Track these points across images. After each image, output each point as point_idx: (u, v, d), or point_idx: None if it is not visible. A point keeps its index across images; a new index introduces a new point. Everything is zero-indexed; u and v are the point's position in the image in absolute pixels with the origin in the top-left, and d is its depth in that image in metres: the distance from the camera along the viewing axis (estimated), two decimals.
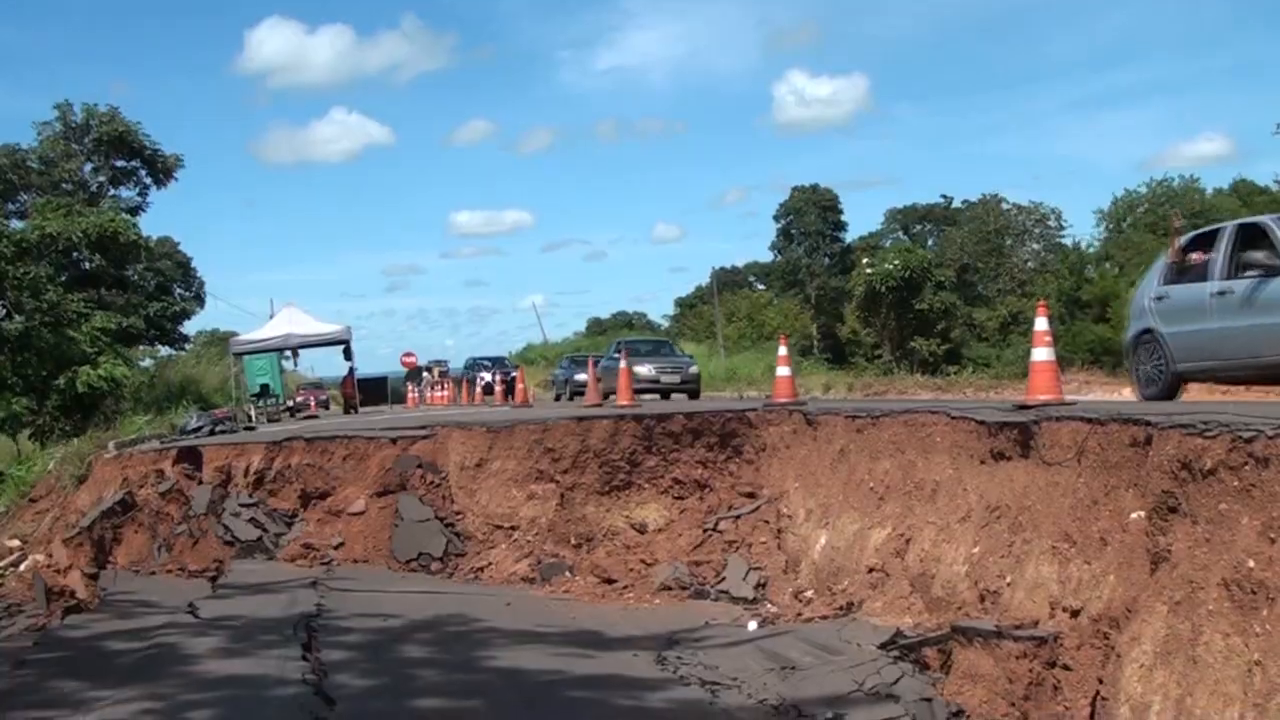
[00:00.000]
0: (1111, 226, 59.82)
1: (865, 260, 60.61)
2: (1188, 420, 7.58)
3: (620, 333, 74.52)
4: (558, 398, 38.74)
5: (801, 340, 63.95)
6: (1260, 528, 6.37)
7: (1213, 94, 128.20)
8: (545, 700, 8.77)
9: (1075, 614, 8.11)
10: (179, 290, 54.62)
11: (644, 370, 27.65)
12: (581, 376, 35.11)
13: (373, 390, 43.42)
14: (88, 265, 36.10)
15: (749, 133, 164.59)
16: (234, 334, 40.27)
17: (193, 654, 9.96)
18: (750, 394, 31.48)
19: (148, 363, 41.24)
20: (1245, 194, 55.94)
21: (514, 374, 35.51)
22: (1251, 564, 6.29)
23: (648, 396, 26.28)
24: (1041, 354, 11.27)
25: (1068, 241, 64.78)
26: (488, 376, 42.10)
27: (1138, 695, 6.82)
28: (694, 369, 29.87)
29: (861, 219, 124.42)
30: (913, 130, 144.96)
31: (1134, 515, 7.87)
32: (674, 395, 27.92)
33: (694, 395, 28.41)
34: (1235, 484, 6.72)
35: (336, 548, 14.81)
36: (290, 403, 37.67)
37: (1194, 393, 13.17)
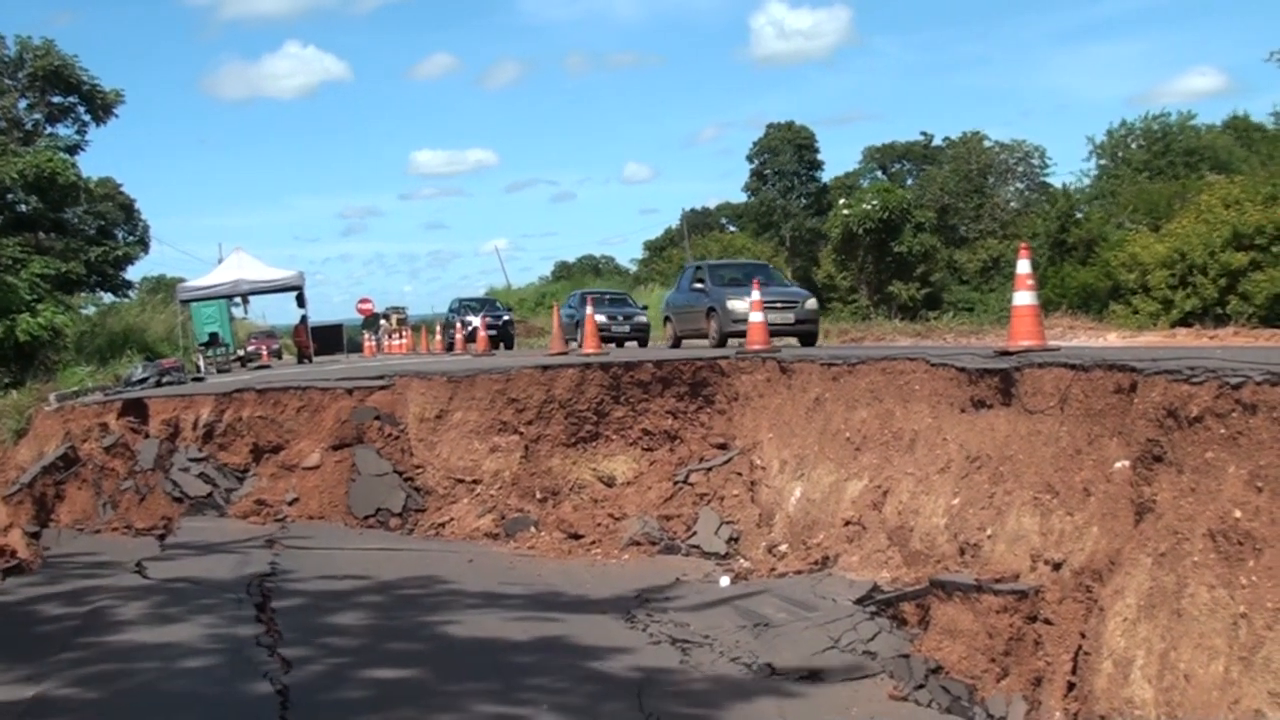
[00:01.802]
0: (1104, 163, 59.78)
1: (842, 201, 60.47)
2: (1174, 366, 7.63)
3: (586, 278, 74.45)
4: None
5: None
6: (1247, 477, 6.43)
7: (1205, 25, 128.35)
8: (509, 666, 8.78)
9: (1057, 567, 8.18)
10: (122, 234, 54.03)
11: (741, 305, 26.85)
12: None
13: (327, 339, 43.27)
14: (24, 208, 35.77)
15: (726, 67, 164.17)
16: (181, 280, 39.97)
17: (136, 618, 9.95)
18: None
19: (90, 310, 40.80)
20: (1242, 130, 56.13)
21: (506, 317, 35.70)
22: (1238, 514, 6.35)
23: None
24: (1024, 298, 11.33)
25: (1053, 181, 64.87)
26: (475, 321, 37.39)
27: (1121, 650, 6.90)
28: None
29: (840, 157, 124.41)
30: (894, 64, 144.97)
31: (1118, 465, 7.93)
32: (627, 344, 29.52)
33: (643, 344, 30.47)
34: (1222, 432, 6.78)
35: (290, 504, 14.79)
36: (241, 352, 37.41)
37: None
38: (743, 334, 21.23)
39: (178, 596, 10.70)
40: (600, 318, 27.41)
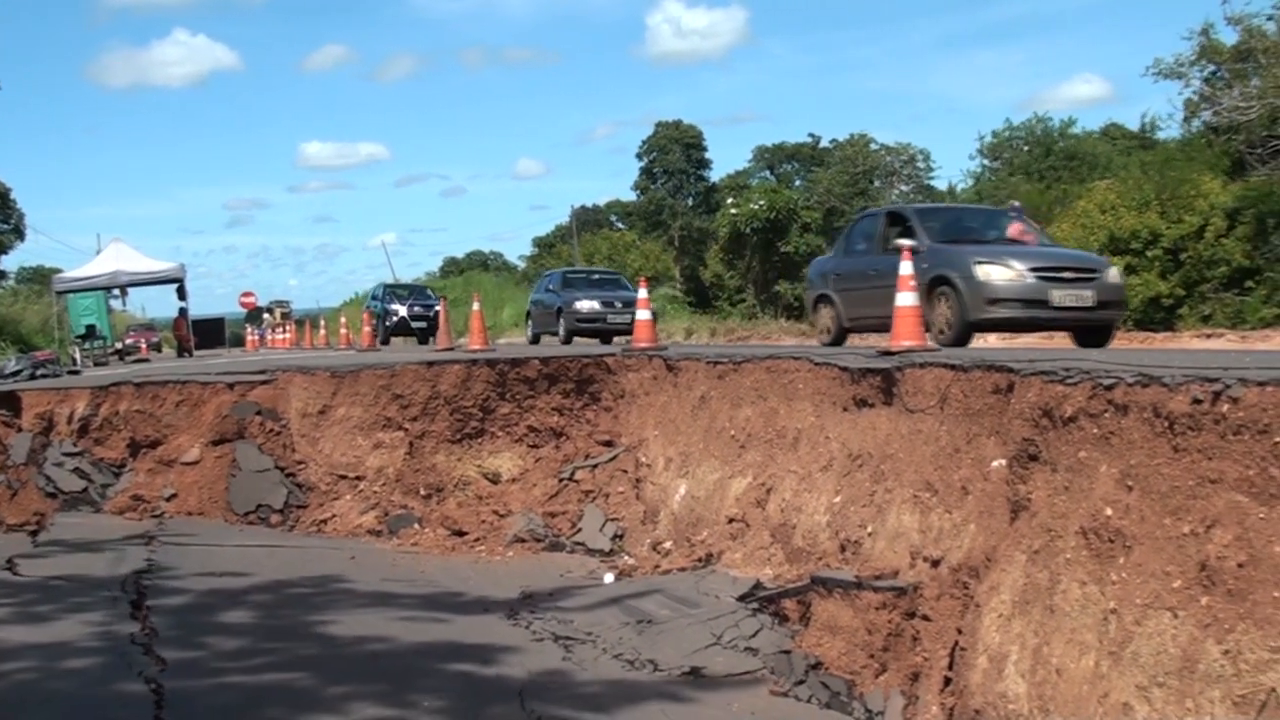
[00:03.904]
0: (988, 163, 60.75)
1: (730, 200, 60.93)
2: (1050, 367, 7.79)
3: (475, 273, 74.01)
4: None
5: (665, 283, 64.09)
6: (1119, 476, 6.58)
7: (1090, 33, 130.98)
8: (389, 668, 8.69)
9: (935, 564, 8.31)
10: None
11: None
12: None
13: (209, 332, 42.73)
14: None
15: (622, 65, 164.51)
16: (58, 271, 39.22)
17: (6, 617, 9.68)
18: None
19: None
20: (1116, 137, 57.32)
21: (436, 307, 30.74)
22: (1109, 512, 6.50)
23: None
24: (906, 299, 11.52)
25: (938, 184, 65.85)
26: (402, 310, 34.83)
27: (996, 645, 7.03)
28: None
29: (731, 156, 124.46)
30: (787, 65, 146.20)
31: (995, 463, 8.08)
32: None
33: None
34: (1095, 432, 6.93)
35: (169, 499, 14.55)
36: (119, 345, 36.85)
37: None
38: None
39: (51, 594, 10.46)
40: (591, 305, 25.45)
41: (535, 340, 26.19)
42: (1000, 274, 14.09)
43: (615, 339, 24.25)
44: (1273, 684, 5.19)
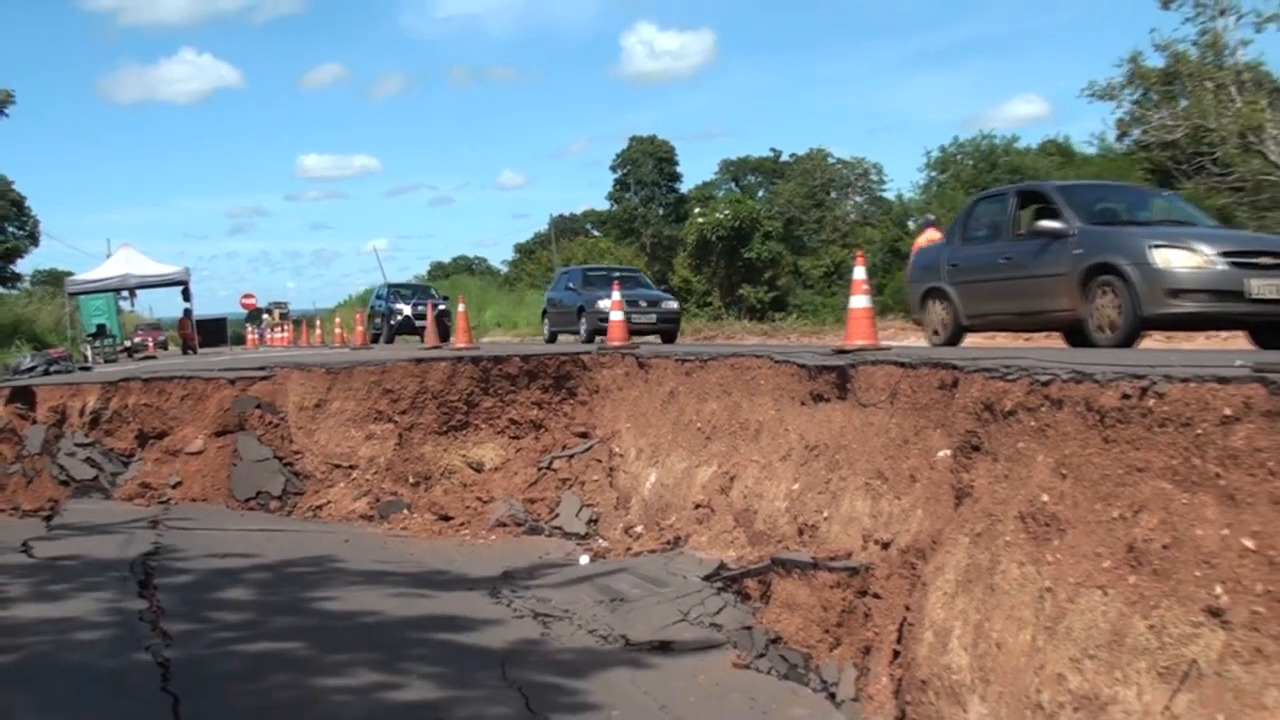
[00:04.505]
0: (935, 175, 60.94)
1: (697, 210, 60.98)
2: (991, 365, 7.83)
3: (460, 277, 73.76)
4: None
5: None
6: (1054, 465, 6.62)
7: (1032, 57, 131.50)
8: (380, 640, 8.70)
9: (886, 546, 8.34)
10: (11, 229, 52.59)
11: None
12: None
13: (212, 331, 42.60)
14: None
15: (598, 83, 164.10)
16: (70, 274, 39.02)
17: (22, 595, 9.68)
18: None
19: None
20: (1051, 154, 57.51)
21: (441, 306, 29.57)
22: (1045, 498, 6.54)
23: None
24: (859, 301, 11.52)
25: (889, 195, 66.05)
26: (406, 309, 32.15)
27: (941, 621, 7.06)
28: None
29: (699, 169, 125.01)
30: (752, 84, 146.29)
31: (941, 453, 8.11)
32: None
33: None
34: (1032, 424, 6.97)
35: (174, 487, 14.49)
36: (128, 343, 36.55)
37: None
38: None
39: (64, 574, 10.42)
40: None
41: (552, 339, 23.88)
42: (1184, 260, 11.23)
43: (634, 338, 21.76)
44: (1194, 656, 5.23)
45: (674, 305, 24.37)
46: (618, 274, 26.29)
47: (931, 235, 22.98)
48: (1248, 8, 28.29)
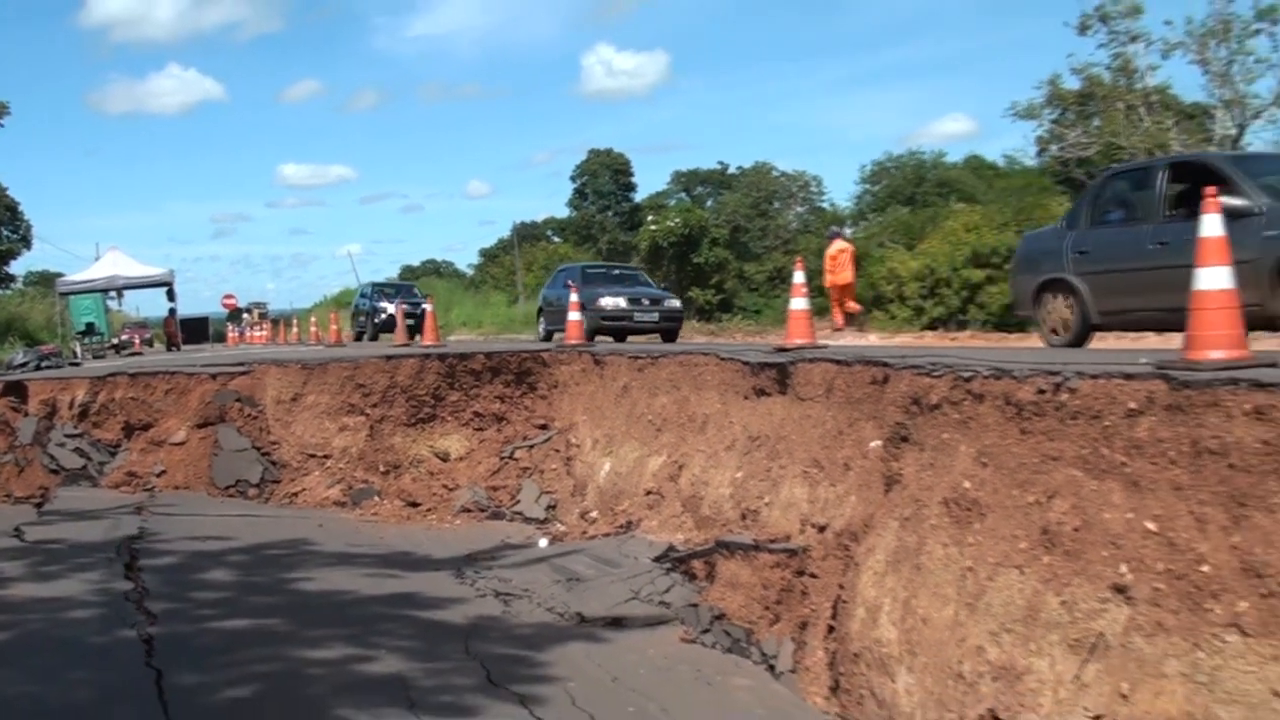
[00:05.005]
0: (867, 187, 61.18)
1: (650, 218, 60.94)
2: (919, 362, 7.90)
3: (429, 279, 73.37)
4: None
5: None
6: (975, 454, 6.70)
7: (961, 78, 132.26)
8: (353, 616, 8.69)
9: (821, 529, 8.39)
10: (5, 232, 51.92)
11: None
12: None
13: (194, 329, 42.19)
14: None
15: (560, 100, 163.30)
16: (61, 275, 38.60)
17: (16, 576, 9.62)
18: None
19: None
20: (975, 168, 57.89)
21: (425, 305, 25.96)
22: (967, 485, 6.61)
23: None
24: (798, 303, 11.58)
25: (827, 206, 66.20)
26: (390, 308, 29.47)
27: (872, 598, 7.12)
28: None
29: (653, 180, 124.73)
30: (702, 101, 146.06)
31: (873, 444, 8.17)
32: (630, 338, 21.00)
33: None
34: (956, 417, 7.05)
35: (159, 475, 14.40)
36: (115, 340, 36.11)
37: None
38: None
39: (55, 556, 10.35)
40: (616, 302, 20.42)
41: (548, 338, 21.66)
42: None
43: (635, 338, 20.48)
44: (1101, 629, 5.31)
45: (677, 304, 22.20)
46: (617, 272, 24.64)
47: (840, 245, 23.00)
48: (1156, 35, 28.61)
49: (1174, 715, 4.77)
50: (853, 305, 24.42)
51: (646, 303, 20.73)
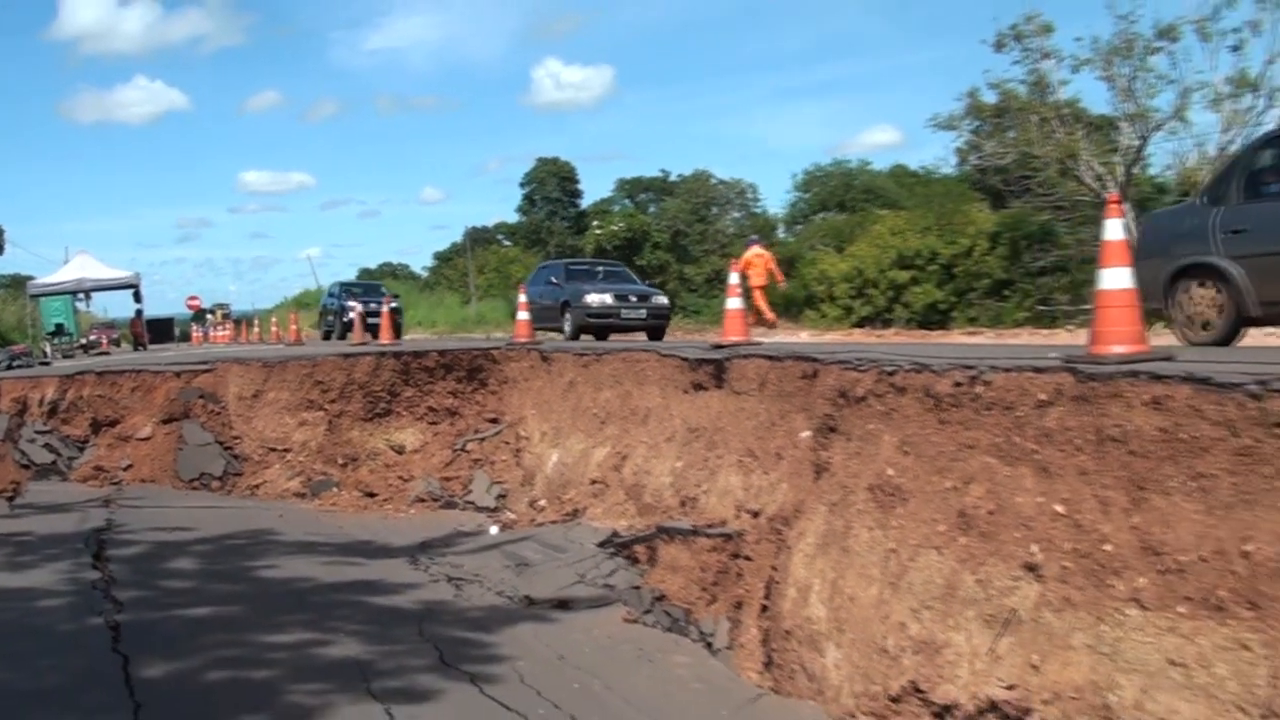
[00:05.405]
0: (800, 194, 61.52)
1: (595, 223, 61.02)
2: (846, 357, 7.97)
3: (385, 281, 72.86)
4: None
5: None
6: (898, 443, 6.77)
7: (888, 91, 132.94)
8: (312, 603, 8.60)
9: (755, 515, 8.44)
10: None
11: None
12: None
13: (160, 330, 41.64)
14: None
15: (511, 110, 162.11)
16: (31, 278, 37.98)
17: None
18: (496, 335, 31.10)
19: None
20: (899, 176, 58.35)
21: (393, 304, 24.79)
22: (891, 472, 6.68)
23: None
24: (733, 303, 11.64)
25: (760, 211, 66.47)
26: (360, 308, 26.60)
27: (802, 578, 7.17)
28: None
29: (598, 187, 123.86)
30: (645, 112, 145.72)
31: (803, 434, 8.23)
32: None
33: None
34: (880, 408, 7.11)
35: (125, 469, 14.18)
36: (83, 340, 35.57)
37: None
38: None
39: (26, 548, 10.15)
40: (603, 299, 18.88)
41: None
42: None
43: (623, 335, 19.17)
44: (1014, 605, 5.39)
45: (665, 301, 20.30)
46: (601, 269, 22.68)
47: (757, 251, 22.90)
48: (1067, 52, 29.00)
49: (1080, 684, 4.85)
50: (764, 307, 24.24)
51: (634, 299, 19.24)
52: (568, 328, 18.91)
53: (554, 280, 20.46)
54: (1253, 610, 4.31)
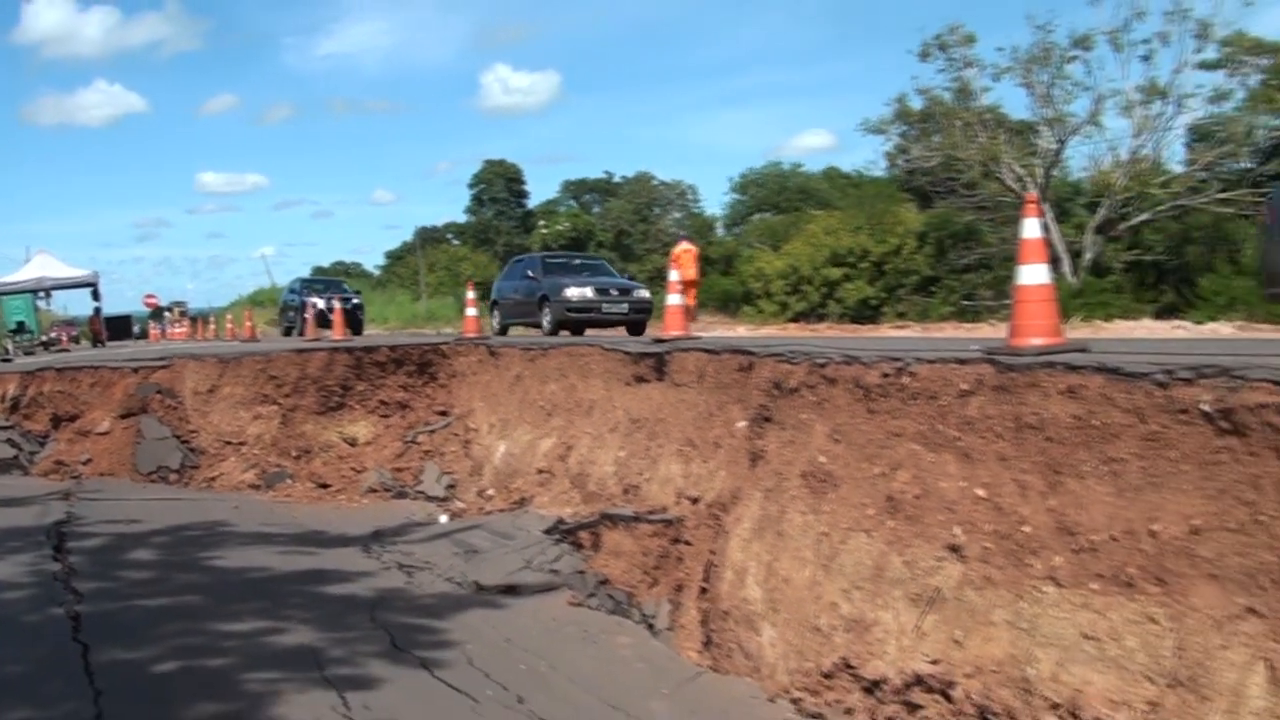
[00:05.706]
0: (737, 196, 61.83)
1: (542, 222, 60.94)
2: (780, 350, 8.02)
3: (338, 280, 72.24)
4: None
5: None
6: (829, 432, 6.82)
7: (822, 97, 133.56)
8: (267, 591, 8.49)
9: (695, 501, 8.47)
10: None
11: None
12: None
13: (118, 327, 41.03)
14: None
15: (460, 114, 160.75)
16: None
17: None
18: (446, 330, 30.89)
19: None
20: (832, 178, 58.78)
21: (355, 300, 25.37)
22: (822, 459, 6.72)
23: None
24: (673, 299, 11.67)
25: (699, 211, 66.75)
26: (321, 304, 26.58)
27: (739, 562, 7.20)
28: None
29: (544, 188, 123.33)
30: (590, 116, 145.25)
31: (739, 424, 8.27)
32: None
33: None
34: (812, 399, 7.16)
35: (85, 463, 13.95)
36: (44, 338, 34.93)
37: None
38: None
39: None
40: (583, 292, 17.66)
41: (503, 332, 19.29)
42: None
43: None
44: (938, 585, 5.45)
45: (646, 294, 18.75)
46: (579, 261, 21.45)
47: (685, 246, 22.93)
48: (989, 61, 29.43)
49: (1000, 658, 4.92)
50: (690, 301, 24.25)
51: (615, 293, 17.97)
52: (546, 322, 17.87)
53: (530, 274, 19.21)
54: (1159, 586, 4.39)
